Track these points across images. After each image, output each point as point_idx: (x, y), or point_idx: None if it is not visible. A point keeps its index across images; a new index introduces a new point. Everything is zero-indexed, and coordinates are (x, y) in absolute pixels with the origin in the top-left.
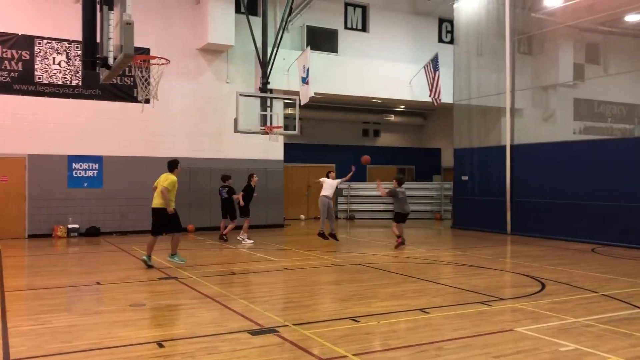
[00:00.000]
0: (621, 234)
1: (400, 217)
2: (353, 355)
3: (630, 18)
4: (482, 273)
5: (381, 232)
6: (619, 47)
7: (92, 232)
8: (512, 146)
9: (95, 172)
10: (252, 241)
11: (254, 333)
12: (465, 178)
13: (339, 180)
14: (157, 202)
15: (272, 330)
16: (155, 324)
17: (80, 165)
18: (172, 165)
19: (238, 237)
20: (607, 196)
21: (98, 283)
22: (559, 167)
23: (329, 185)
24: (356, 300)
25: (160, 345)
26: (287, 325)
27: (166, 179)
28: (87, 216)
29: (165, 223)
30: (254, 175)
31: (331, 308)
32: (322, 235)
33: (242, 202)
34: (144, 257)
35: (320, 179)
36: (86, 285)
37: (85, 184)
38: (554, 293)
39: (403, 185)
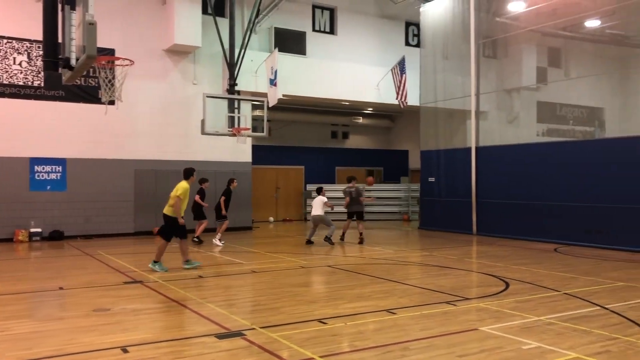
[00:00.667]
0: (582, 234)
1: (350, 215)
2: (320, 357)
3: (590, 23)
4: (448, 273)
5: (350, 234)
6: (579, 52)
7: (55, 236)
8: (477, 148)
9: (58, 174)
10: (222, 243)
11: (220, 337)
12: (432, 179)
13: (326, 200)
14: (167, 209)
15: (238, 334)
16: (120, 329)
17: (43, 168)
18: (187, 173)
19: (213, 240)
20: (569, 197)
21: (61, 288)
22: (523, 169)
23: (317, 203)
24: (324, 302)
25: (125, 351)
26: (254, 329)
27: (178, 188)
28: (50, 220)
29: (175, 229)
30: (234, 180)
31: (299, 310)
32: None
33: (205, 205)
34: (151, 266)
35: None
36: (49, 290)
37: (48, 187)
38: (518, 292)
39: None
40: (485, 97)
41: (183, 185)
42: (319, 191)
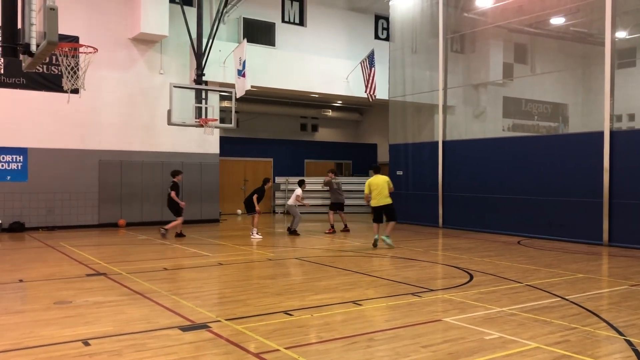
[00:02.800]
0: (544, 227)
1: (335, 206)
2: (286, 348)
3: (555, 21)
4: (414, 265)
5: (318, 226)
6: (544, 48)
7: (16, 228)
8: (444, 142)
9: (19, 164)
10: (260, 235)
11: (184, 329)
12: (400, 173)
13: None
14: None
15: (203, 326)
16: (81, 322)
17: (3, 158)
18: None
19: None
20: (532, 191)
21: (21, 280)
22: (489, 163)
23: (293, 194)
24: (290, 294)
25: (86, 344)
26: (219, 321)
27: None
28: (11, 211)
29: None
30: (270, 181)
31: (265, 302)
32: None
33: (182, 203)
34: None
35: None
36: (8, 282)
37: (9, 177)
38: (482, 284)
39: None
40: (452, 92)
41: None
42: (300, 184)
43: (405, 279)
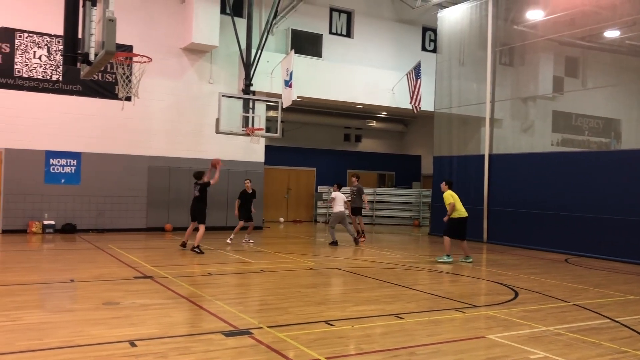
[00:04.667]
0: (594, 245)
1: (356, 211)
2: (326, 358)
3: (609, 34)
4: (457, 280)
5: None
6: (597, 62)
7: (68, 229)
8: (490, 156)
9: (73, 168)
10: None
11: (227, 334)
12: None
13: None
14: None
15: (246, 332)
16: (128, 323)
17: (58, 161)
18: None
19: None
20: (581, 208)
21: (72, 280)
22: (536, 178)
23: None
24: (331, 304)
25: (133, 345)
26: (261, 328)
27: None
28: (64, 213)
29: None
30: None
31: (306, 311)
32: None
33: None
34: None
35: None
36: (60, 282)
37: (63, 180)
38: (527, 301)
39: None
40: (500, 105)
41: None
42: (340, 187)
43: (448, 294)
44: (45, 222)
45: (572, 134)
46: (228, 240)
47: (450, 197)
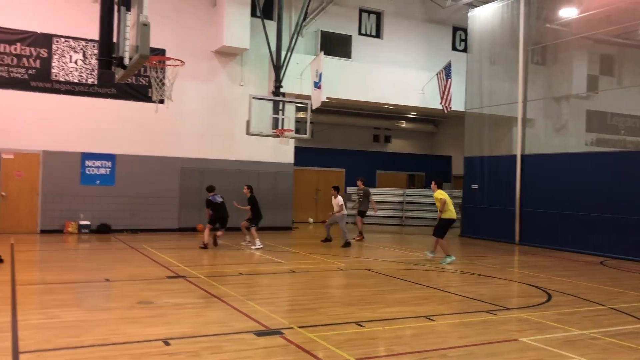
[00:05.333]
0: (630, 248)
1: (362, 213)
2: (356, 359)
3: None
4: (488, 282)
5: (389, 238)
6: (634, 60)
7: (102, 229)
8: (522, 156)
9: (107, 170)
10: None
11: (258, 334)
12: (475, 187)
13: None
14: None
15: (277, 332)
16: (162, 322)
17: (94, 163)
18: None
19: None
20: (617, 209)
21: (107, 280)
22: (570, 179)
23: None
24: (361, 305)
25: (166, 343)
26: (292, 328)
27: None
28: (99, 213)
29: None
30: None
31: (336, 312)
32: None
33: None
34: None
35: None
36: (95, 281)
37: (98, 182)
38: (561, 304)
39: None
40: (532, 105)
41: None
42: (338, 190)
43: (480, 296)
44: (81, 223)
45: (607, 133)
46: (243, 243)
47: (442, 195)
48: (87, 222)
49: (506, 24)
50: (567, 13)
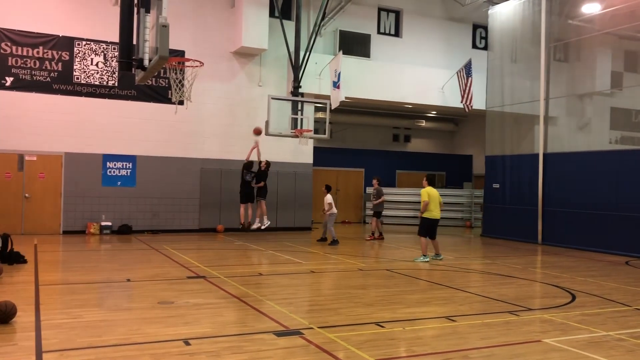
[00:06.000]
0: None
1: (377, 214)
2: None
3: None
4: (511, 282)
5: (409, 238)
6: None
7: (124, 230)
8: (545, 155)
9: (128, 171)
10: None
11: (279, 334)
12: (496, 186)
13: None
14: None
15: (297, 332)
16: (182, 322)
17: (115, 164)
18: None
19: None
20: None
21: (128, 280)
22: (594, 177)
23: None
24: (382, 305)
25: (187, 343)
26: (312, 328)
27: None
28: (120, 214)
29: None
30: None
31: (356, 312)
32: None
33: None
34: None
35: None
36: (117, 281)
37: (119, 183)
38: (585, 305)
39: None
40: (554, 102)
41: None
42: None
43: (502, 297)
44: (103, 224)
45: (632, 131)
46: (254, 226)
47: (425, 194)
48: (109, 223)
49: (527, 21)
50: (590, 9)
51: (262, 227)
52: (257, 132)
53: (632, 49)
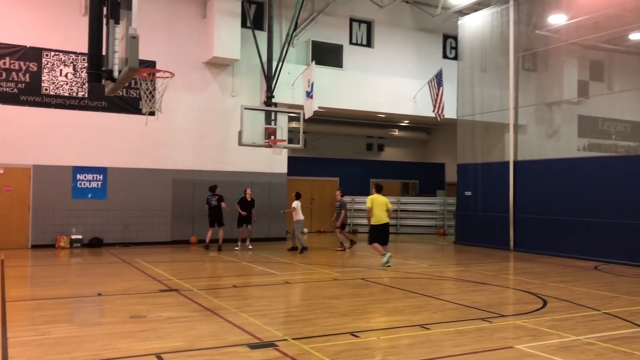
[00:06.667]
0: (624, 252)
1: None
2: None
3: (635, 36)
4: (483, 289)
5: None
6: (623, 65)
7: (94, 243)
8: (515, 162)
9: (99, 183)
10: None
11: (253, 347)
12: (468, 193)
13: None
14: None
15: (271, 344)
16: (155, 336)
17: (85, 176)
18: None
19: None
20: (610, 213)
21: (99, 294)
22: (563, 184)
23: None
24: (356, 315)
25: (159, 358)
26: (286, 340)
27: None
28: (90, 227)
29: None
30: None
31: (331, 323)
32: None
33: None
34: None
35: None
36: (87, 296)
37: (89, 195)
38: (556, 310)
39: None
40: (524, 111)
41: None
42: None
43: (475, 304)
44: (73, 237)
45: (598, 138)
46: (236, 249)
47: (369, 201)
48: (79, 236)
49: (496, 31)
50: (556, 20)
51: (236, 249)
52: (272, 133)
53: (597, 59)
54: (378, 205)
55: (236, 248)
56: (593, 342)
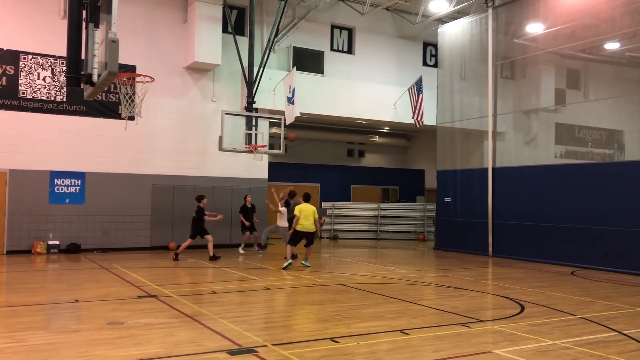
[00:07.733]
0: (600, 258)
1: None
2: None
3: (609, 46)
4: (462, 294)
5: (364, 252)
6: (598, 74)
7: (72, 249)
8: (494, 169)
9: (77, 188)
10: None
11: (232, 353)
12: (448, 199)
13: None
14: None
15: (250, 350)
16: (133, 343)
17: (63, 181)
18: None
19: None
20: (586, 220)
21: (76, 300)
22: (540, 190)
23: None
24: (336, 320)
25: None
26: (266, 346)
27: None
28: (68, 233)
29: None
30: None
31: (311, 328)
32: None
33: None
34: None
35: (281, 209)
36: (64, 302)
37: (67, 200)
38: (533, 315)
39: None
40: (502, 118)
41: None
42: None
43: (454, 309)
44: (50, 242)
45: (575, 145)
46: (240, 250)
47: (297, 210)
48: (56, 242)
49: (475, 40)
50: (534, 29)
51: (240, 251)
52: (292, 138)
53: (574, 67)
54: (304, 217)
55: (241, 251)
56: (569, 347)
